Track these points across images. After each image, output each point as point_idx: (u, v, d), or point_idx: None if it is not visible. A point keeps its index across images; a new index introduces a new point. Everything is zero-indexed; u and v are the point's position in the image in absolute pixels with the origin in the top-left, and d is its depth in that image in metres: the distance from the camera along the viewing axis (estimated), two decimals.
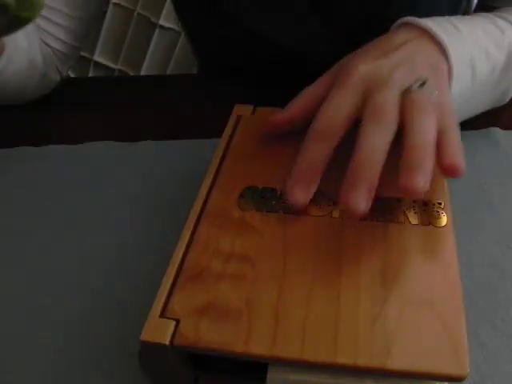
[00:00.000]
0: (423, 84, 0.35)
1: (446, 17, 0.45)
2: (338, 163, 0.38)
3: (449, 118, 0.35)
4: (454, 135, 0.35)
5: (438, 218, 0.34)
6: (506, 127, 0.53)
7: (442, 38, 0.40)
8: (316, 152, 0.35)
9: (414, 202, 0.35)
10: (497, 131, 0.52)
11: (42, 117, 0.60)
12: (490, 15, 0.50)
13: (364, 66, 0.36)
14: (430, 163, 0.32)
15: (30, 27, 0.54)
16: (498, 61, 0.46)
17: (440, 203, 0.35)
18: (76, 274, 0.41)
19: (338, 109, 0.35)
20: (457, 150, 0.34)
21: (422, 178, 0.31)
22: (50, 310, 0.39)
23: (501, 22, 0.48)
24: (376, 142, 0.32)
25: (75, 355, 0.36)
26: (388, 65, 0.36)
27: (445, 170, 0.33)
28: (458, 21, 0.45)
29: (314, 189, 0.34)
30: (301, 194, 0.34)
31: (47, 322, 0.38)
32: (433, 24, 0.41)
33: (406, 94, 0.35)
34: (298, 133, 0.42)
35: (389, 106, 0.34)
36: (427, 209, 0.34)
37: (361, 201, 0.31)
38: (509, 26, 0.48)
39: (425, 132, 0.33)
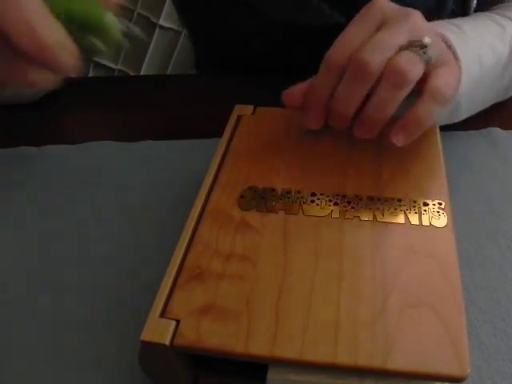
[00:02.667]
0: (425, 46, 0.35)
1: (447, 20, 0.46)
2: (338, 164, 0.39)
3: (435, 87, 0.36)
4: (424, 111, 0.36)
5: (438, 218, 0.34)
6: (506, 127, 0.53)
7: (448, 36, 0.41)
8: (327, 81, 0.36)
9: (415, 202, 0.35)
10: (497, 131, 0.52)
11: (42, 117, 0.60)
12: (489, 14, 0.51)
13: (385, 1, 0.38)
14: (377, 129, 0.36)
15: None
16: (502, 55, 0.46)
17: (440, 203, 0.35)
18: (76, 274, 0.41)
19: (351, 41, 0.36)
20: (410, 129, 0.36)
21: (367, 133, 0.36)
22: (50, 310, 0.39)
23: (500, 19, 0.49)
24: (347, 97, 0.36)
25: (75, 355, 0.36)
26: (406, 10, 0.37)
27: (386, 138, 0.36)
28: (460, 22, 0.46)
29: (323, 114, 0.38)
30: (311, 122, 0.38)
31: (47, 322, 0.38)
32: (436, 25, 0.42)
33: (404, 47, 0.36)
34: (298, 133, 0.42)
35: (374, 62, 0.34)
36: (427, 209, 0.34)
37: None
38: (509, 21, 0.49)
39: (384, 105, 0.35)
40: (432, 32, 0.38)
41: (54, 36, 0.29)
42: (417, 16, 0.37)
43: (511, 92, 0.52)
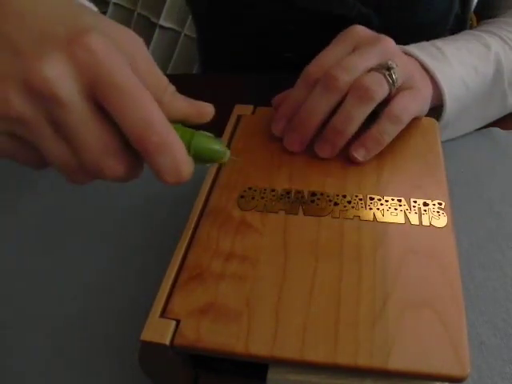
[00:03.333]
0: (390, 69, 0.38)
1: (431, 41, 0.48)
2: (338, 164, 0.39)
3: (396, 108, 0.39)
4: (384, 129, 0.38)
5: (438, 218, 0.34)
6: (506, 127, 0.53)
7: (428, 63, 0.44)
8: (301, 93, 0.39)
9: (415, 202, 0.35)
10: (497, 131, 0.52)
11: None
12: (475, 33, 0.52)
13: (364, 28, 0.41)
14: (341, 143, 0.38)
15: None
16: (486, 75, 0.48)
17: (440, 203, 0.35)
18: (76, 274, 0.42)
19: (327, 60, 0.39)
20: (370, 145, 0.38)
21: (328, 151, 0.38)
22: (49, 310, 0.39)
23: (487, 38, 0.50)
24: (314, 106, 0.38)
25: (75, 355, 0.36)
26: (379, 36, 0.41)
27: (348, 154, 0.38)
28: (442, 43, 0.48)
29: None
30: (278, 129, 0.40)
31: (47, 322, 0.38)
32: (418, 51, 0.45)
33: (374, 70, 0.38)
34: None
35: (343, 78, 0.37)
36: (427, 209, 0.34)
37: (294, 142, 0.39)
38: (496, 40, 0.50)
39: (349, 118, 0.37)
40: (402, 57, 0.41)
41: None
42: (388, 41, 0.40)
43: (510, 105, 0.52)
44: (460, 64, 0.46)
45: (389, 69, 0.38)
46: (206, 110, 0.32)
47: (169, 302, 0.29)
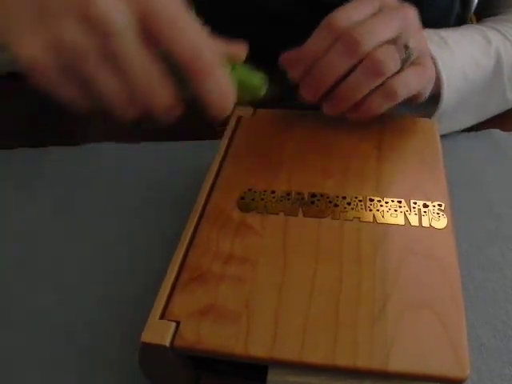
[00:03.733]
0: (407, 47, 0.38)
1: (434, 30, 0.48)
2: (338, 165, 0.39)
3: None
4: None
5: (438, 219, 0.34)
6: (506, 129, 0.53)
7: (431, 47, 0.43)
8: (320, 41, 0.39)
9: (415, 203, 0.35)
10: (497, 133, 0.52)
11: (43, 117, 0.60)
12: (478, 26, 0.52)
13: None
14: (346, 107, 0.39)
15: None
16: (486, 68, 0.48)
17: (440, 205, 0.35)
18: (76, 275, 0.42)
19: (354, 13, 0.38)
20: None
21: (331, 110, 0.39)
22: (50, 310, 0.39)
23: (488, 33, 0.50)
24: (333, 65, 0.38)
25: (75, 355, 0.36)
26: (402, 4, 0.40)
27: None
28: (445, 33, 0.47)
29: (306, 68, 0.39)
30: (295, 71, 0.39)
31: (47, 322, 0.38)
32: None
33: (392, 43, 0.38)
34: (298, 134, 0.42)
35: (366, 43, 0.37)
36: (427, 210, 0.34)
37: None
38: (497, 35, 0.50)
39: (357, 89, 0.38)
40: (420, 31, 0.40)
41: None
42: (411, 12, 0.40)
43: (510, 100, 0.52)
44: (461, 55, 0.46)
45: (406, 47, 0.38)
46: (241, 48, 0.34)
47: (169, 303, 0.29)
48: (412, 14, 0.40)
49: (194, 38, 0.29)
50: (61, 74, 0.28)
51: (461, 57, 0.46)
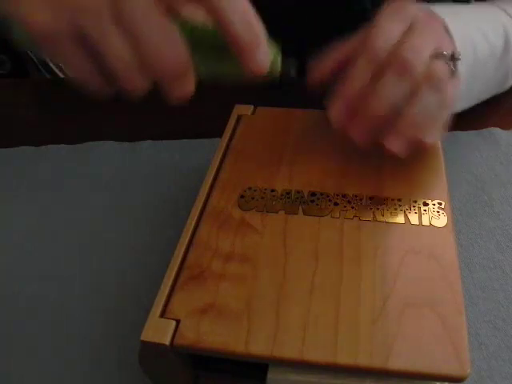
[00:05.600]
0: (454, 59, 0.36)
1: (445, 4, 0.46)
2: (338, 164, 0.39)
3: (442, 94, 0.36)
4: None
5: (438, 218, 0.34)
6: (506, 127, 0.53)
7: (445, 19, 0.41)
8: (364, 73, 0.35)
9: (415, 202, 0.35)
10: (497, 131, 0.52)
11: (42, 117, 0.60)
12: (485, 4, 0.51)
13: (412, 3, 0.38)
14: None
15: None
16: (496, 45, 0.46)
17: (440, 203, 0.35)
18: (76, 274, 0.41)
19: (390, 34, 0.36)
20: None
21: (402, 145, 0.35)
22: (50, 309, 0.39)
23: (496, 11, 0.49)
24: (391, 95, 0.34)
25: (75, 355, 0.36)
26: (430, 16, 0.38)
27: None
28: (456, 7, 0.46)
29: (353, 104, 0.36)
30: (338, 112, 0.36)
31: (47, 321, 0.38)
32: (433, 7, 0.42)
33: (435, 57, 0.35)
34: (298, 133, 0.42)
35: (417, 66, 0.34)
36: (427, 209, 0.34)
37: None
38: (503, 13, 0.49)
39: (423, 113, 0.35)
40: (450, 39, 0.39)
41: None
42: (438, 22, 0.39)
43: (509, 81, 0.52)
44: (473, 28, 0.45)
45: (453, 59, 0.36)
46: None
47: (169, 302, 0.29)
48: (441, 25, 0.39)
49: (247, 10, 0.28)
50: (72, 40, 0.28)
51: (473, 30, 0.45)
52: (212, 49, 0.32)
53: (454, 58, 0.36)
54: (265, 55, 0.30)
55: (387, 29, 0.36)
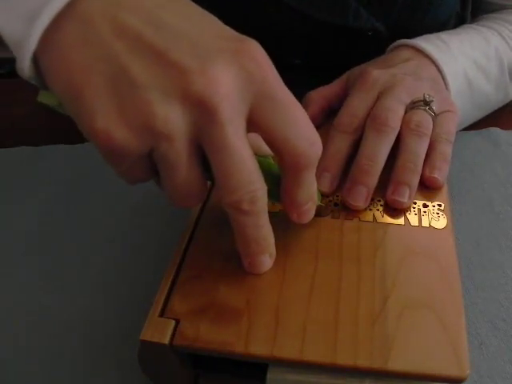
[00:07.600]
0: (429, 103, 0.38)
1: (436, 34, 0.48)
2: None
3: (443, 133, 0.39)
4: (444, 149, 0.38)
5: (438, 219, 0.34)
6: (506, 127, 0.53)
7: (436, 56, 0.44)
8: (341, 143, 0.38)
9: (414, 203, 0.35)
10: (497, 131, 0.52)
11: (42, 117, 0.60)
12: (475, 26, 0.52)
13: (378, 71, 0.41)
14: (416, 181, 0.36)
15: None
16: (490, 71, 0.48)
17: (440, 205, 0.35)
18: (76, 274, 0.41)
19: (357, 108, 0.39)
20: (441, 164, 0.37)
21: (407, 193, 0.35)
22: (50, 309, 0.39)
23: (486, 33, 0.50)
24: (375, 151, 0.36)
25: (75, 355, 0.36)
26: (398, 72, 0.41)
27: (425, 180, 0.36)
28: (446, 36, 0.47)
29: (338, 177, 0.37)
30: (326, 184, 0.36)
31: (47, 322, 0.38)
32: (425, 43, 0.45)
33: (411, 107, 0.38)
34: None
35: (391, 117, 0.37)
36: (427, 210, 0.34)
37: (360, 199, 0.35)
38: (495, 34, 0.50)
39: (416, 154, 0.36)
40: (427, 89, 0.40)
41: None
42: (407, 81, 0.40)
43: (509, 97, 0.52)
44: (464, 58, 0.46)
45: (427, 103, 0.38)
46: None
47: (168, 301, 0.29)
48: (410, 81, 0.40)
49: (308, 129, 0.27)
50: (142, 158, 0.26)
51: (463, 60, 0.46)
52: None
53: (426, 102, 0.38)
54: (312, 215, 0.31)
55: (353, 103, 0.40)
